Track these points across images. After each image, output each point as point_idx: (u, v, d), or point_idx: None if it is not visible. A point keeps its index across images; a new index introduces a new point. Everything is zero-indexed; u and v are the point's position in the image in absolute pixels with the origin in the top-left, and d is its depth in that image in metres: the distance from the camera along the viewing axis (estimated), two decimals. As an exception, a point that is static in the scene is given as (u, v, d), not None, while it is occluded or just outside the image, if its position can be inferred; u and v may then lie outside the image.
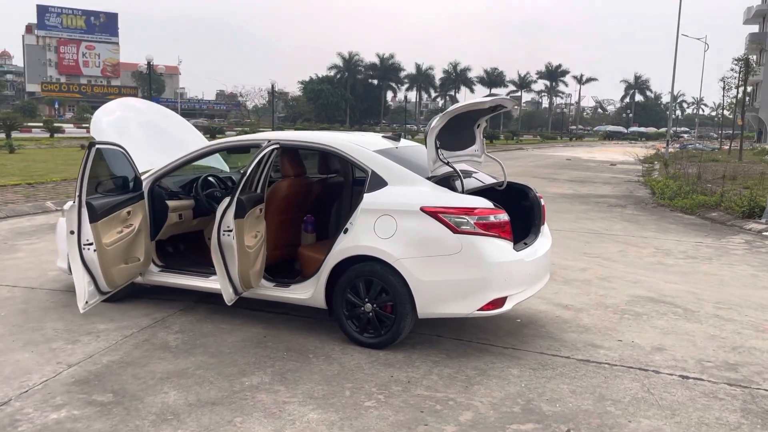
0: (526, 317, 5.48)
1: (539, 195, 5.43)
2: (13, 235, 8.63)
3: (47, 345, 4.57)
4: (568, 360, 4.54)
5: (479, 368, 4.34)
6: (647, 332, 5.21)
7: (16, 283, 6.15)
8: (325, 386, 3.98)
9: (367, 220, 4.60)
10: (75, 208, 4.41)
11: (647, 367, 4.45)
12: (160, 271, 5.41)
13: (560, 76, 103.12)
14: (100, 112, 6.17)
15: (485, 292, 4.37)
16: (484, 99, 4.79)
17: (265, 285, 4.99)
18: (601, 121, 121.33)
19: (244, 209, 4.42)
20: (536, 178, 20.42)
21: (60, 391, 3.81)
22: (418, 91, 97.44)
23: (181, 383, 3.96)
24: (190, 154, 5.42)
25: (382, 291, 4.57)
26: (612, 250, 8.82)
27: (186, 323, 5.10)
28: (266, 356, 4.46)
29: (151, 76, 32.09)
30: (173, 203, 5.57)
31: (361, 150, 4.87)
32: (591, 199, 15.19)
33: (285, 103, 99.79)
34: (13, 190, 12.38)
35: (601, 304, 6.01)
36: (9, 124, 31.48)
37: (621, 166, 28.78)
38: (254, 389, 3.91)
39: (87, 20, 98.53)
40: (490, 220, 4.42)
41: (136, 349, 4.52)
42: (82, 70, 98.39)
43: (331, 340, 4.77)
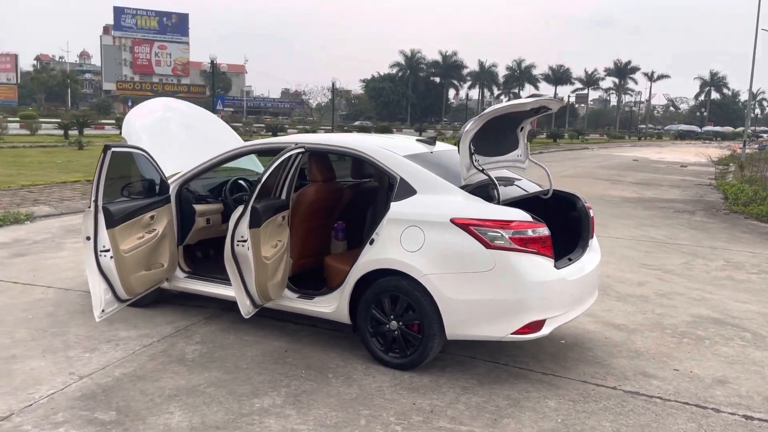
0: (571, 338, 5.02)
1: (588, 205, 4.95)
2: (63, 232, 8.73)
3: (65, 353, 4.46)
4: (615, 391, 4.08)
5: (512, 397, 3.93)
6: (709, 360, 4.67)
7: (52, 284, 6.13)
8: (339, 412, 3.67)
9: (393, 231, 4.26)
10: (91, 213, 4.27)
11: (706, 403, 3.94)
12: (186, 277, 5.24)
13: (630, 73, 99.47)
14: (134, 113, 6.07)
15: (521, 315, 3.96)
16: (526, 100, 4.36)
17: (289, 296, 4.74)
18: (672, 119, 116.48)
19: (259, 218, 4.17)
20: (598, 180, 19.55)
21: (64, 407, 3.65)
22: (480, 88, 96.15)
23: (188, 402, 3.74)
24: (217, 157, 5.22)
25: (408, 308, 4.23)
26: (675, 262, 8.15)
27: (208, 333, 4.91)
28: (283, 374, 4.19)
29: (214, 74, 32.73)
30: (200, 207, 5.39)
31: (389, 154, 4.54)
32: (656, 204, 14.32)
33: (347, 101, 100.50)
34: (72, 187, 12.67)
35: (658, 324, 5.47)
36: (81, 122, 32.78)
37: (692, 168, 27.28)
38: (263, 413, 3.64)
39: (160, 21, 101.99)
40: (528, 235, 4.01)
41: (151, 361, 4.34)
42: (155, 69, 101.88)
43: (355, 357, 4.47)
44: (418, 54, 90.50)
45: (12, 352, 4.46)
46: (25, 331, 4.88)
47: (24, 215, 9.40)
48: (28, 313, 5.28)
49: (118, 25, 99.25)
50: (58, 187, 12.56)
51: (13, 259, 7.12)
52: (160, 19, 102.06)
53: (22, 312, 5.30)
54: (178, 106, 7.04)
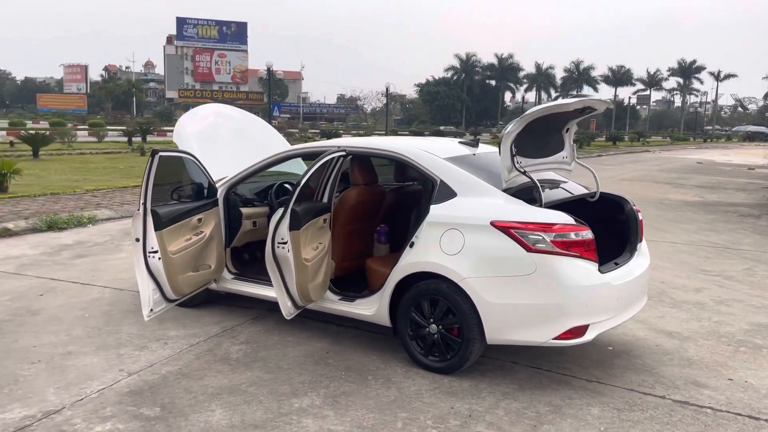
0: (619, 345, 4.88)
1: (637, 208, 4.80)
2: (122, 235, 9.07)
3: (116, 350, 4.63)
4: (663, 400, 3.93)
5: (553, 404, 3.85)
6: (766, 370, 4.45)
7: (108, 284, 6.38)
8: (377, 414, 3.68)
9: (433, 233, 4.25)
10: (140, 215, 4.42)
11: (759, 415, 3.75)
12: (233, 279, 5.36)
13: (695, 72, 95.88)
14: (185, 118, 6.27)
15: (562, 319, 3.88)
16: (569, 100, 4.27)
17: (331, 298, 4.78)
18: (741, 120, 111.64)
19: (299, 220, 4.22)
20: (659, 183, 18.93)
21: (112, 402, 3.79)
22: (537, 91, 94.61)
23: (230, 401, 3.82)
24: (262, 162, 5.32)
25: (448, 312, 4.20)
26: (736, 268, 7.80)
27: (253, 333, 5.00)
28: (324, 375, 4.23)
29: (270, 80, 33.44)
30: (247, 210, 5.51)
31: (429, 157, 4.52)
32: (719, 208, 13.74)
33: (402, 105, 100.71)
34: (132, 192, 13.15)
35: (714, 332, 5.25)
36: (144, 129, 34.08)
37: (760, 171, 26.08)
38: (302, 413, 3.69)
39: (219, 30, 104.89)
40: (571, 238, 3.92)
41: (197, 360, 4.46)
42: (215, 77, 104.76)
43: (395, 360, 4.47)
44: (473, 57, 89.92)
45: (68, 348, 4.66)
46: (81, 328, 5.09)
47: (87, 218, 9.82)
48: (85, 311, 5.51)
49: (181, 35, 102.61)
50: (120, 192, 13.06)
51: (74, 260, 7.45)
52: (220, 29, 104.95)
53: (80, 311, 5.53)
54: (229, 112, 7.23)
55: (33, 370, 4.25)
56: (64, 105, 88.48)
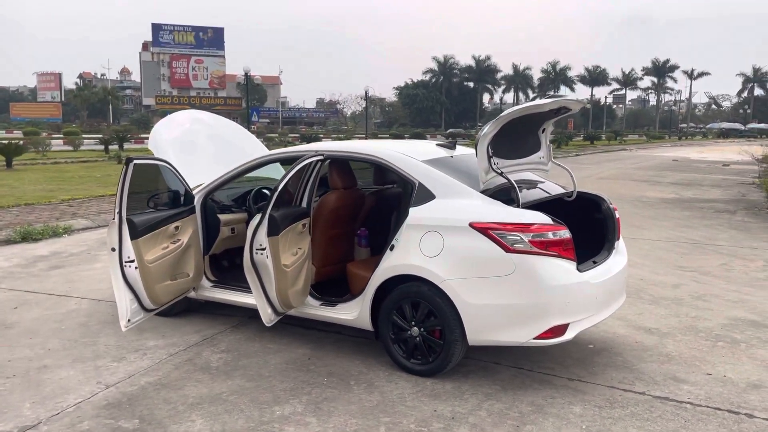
0: (600, 342, 4.91)
1: (614, 206, 4.84)
2: (99, 245, 8.94)
3: (93, 362, 4.55)
4: (643, 397, 3.96)
5: (536, 404, 3.86)
6: (744, 365, 4.50)
7: (85, 296, 6.28)
8: (359, 419, 3.66)
9: (412, 236, 4.24)
10: (115, 225, 4.35)
11: (739, 409, 3.79)
12: (212, 287, 5.30)
13: (668, 71, 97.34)
14: (160, 125, 6.20)
15: (543, 319, 3.89)
16: (544, 101, 4.29)
17: (312, 303, 4.75)
18: (714, 117, 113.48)
19: (277, 226, 4.19)
20: (636, 181, 19.14)
21: (89, 415, 3.72)
22: (515, 92, 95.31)
23: (210, 410, 3.77)
24: (239, 167, 5.28)
25: (429, 314, 4.19)
26: (713, 263, 7.91)
27: (233, 342, 4.95)
28: (306, 381, 4.20)
29: (248, 85, 33.23)
30: (225, 217, 5.45)
31: (407, 160, 4.52)
32: (695, 204, 13.94)
33: (381, 108, 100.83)
34: (109, 201, 12.97)
35: (692, 328, 5.30)
36: (121, 136, 33.68)
37: (735, 167, 26.51)
38: (284, 420, 3.65)
39: (196, 36, 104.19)
40: (549, 238, 3.93)
41: (176, 370, 4.40)
42: (192, 83, 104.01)
43: (378, 364, 4.45)
44: (451, 60, 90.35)
45: (44, 362, 4.57)
46: (57, 341, 5.00)
47: (62, 228, 9.67)
48: (61, 324, 5.42)
49: (157, 41, 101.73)
50: (96, 201, 12.88)
51: (50, 271, 7.32)
52: (196, 34, 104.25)
53: (55, 323, 5.43)
54: (204, 118, 7.15)
55: (8, 385, 4.16)
56: (38, 114, 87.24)
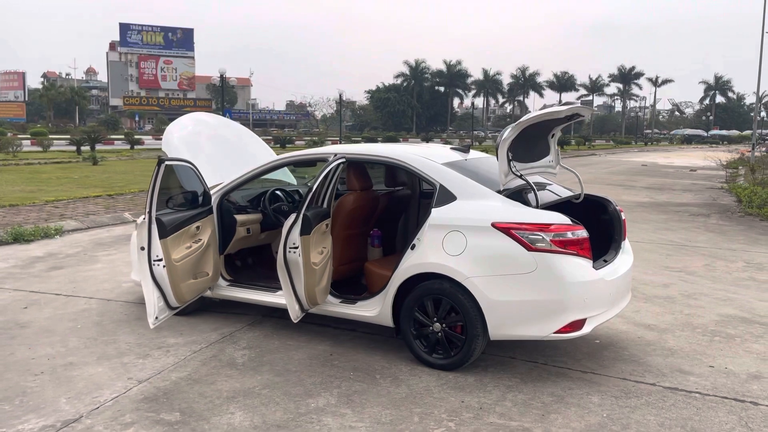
0: (605, 338, 5.16)
1: (620, 208, 5.11)
2: (93, 246, 8.93)
3: (119, 359, 4.63)
4: (654, 387, 4.21)
5: (556, 394, 4.08)
6: (742, 357, 4.79)
7: (93, 295, 6.31)
8: (392, 410, 3.82)
9: (435, 236, 4.42)
10: (145, 224, 4.44)
11: (744, 397, 4.07)
12: (228, 286, 5.41)
13: (634, 78, 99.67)
14: (173, 126, 6.27)
15: (562, 314, 4.11)
16: (560, 108, 4.53)
17: (332, 301, 4.89)
18: (678, 124, 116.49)
19: (310, 225, 4.34)
20: (610, 186, 19.65)
21: (129, 409, 3.81)
22: (485, 97, 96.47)
23: (247, 403, 3.90)
24: (258, 169, 5.40)
25: (451, 310, 4.38)
26: (696, 264, 8.27)
27: (253, 339, 5.07)
28: (332, 376, 4.35)
29: (224, 88, 33.03)
30: (241, 217, 5.57)
31: (428, 163, 4.71)
32: (670, 208, 14.43)
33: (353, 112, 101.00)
34: (94, 202, 12.89)
35: (688, 324, 5.60)
36: (93, 137, 33.17)
37: (702, 172, 27.35)
38: (320, 412, 3.80)
39: (165, 36, 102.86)
40: (568, 237, 4.16)
41: (203, 366, 4.50)
42: (161, 84, 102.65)
43: (399, 359, 4.62)
44: (422, 64, 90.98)
45: (68, 359, 4.63)
46: (76, 339, 5.05)
47: (54, 230, 9.61)
48: (76, 323, 5.46)
49: (124, 41, 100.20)
50: (81, 202, 12.77)
51: (50, 272, 7.31)
52: (165, 35, 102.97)
53: (70, 322, 5.47)
54: (206, 119, 7.23)
55: (38, 382, 4.21)
56: (1, 113, 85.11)
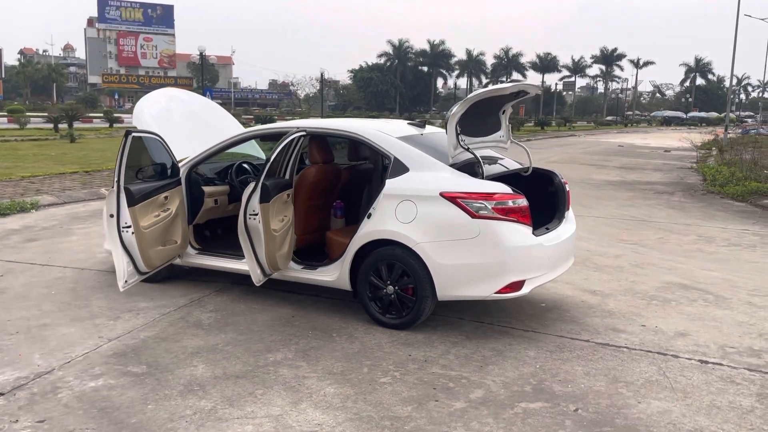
0: (551, 302, 5.53)
1: (564, 180, 5.45)
2: (69, 219, 9.13)
3: (91, 321, 4.90)
4: (587, 343, 4.59)
5: (496, 349, 4.43)
6: (673, 318, 5.19)
7: (68, 265, 6.55)
8: (344, 363, 4.16)
9: (388, 205, 4.73)
10: (114, 193, 4.70)
11: (666, 351, 4.46)
12: (197, 254, 5.68)
13: (616, 60, 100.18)
14: (143, 102, 6.48)
15: (503, 276, 4.45)
16: (506, 85, 4.83)
17: (294, 267, 5.20)
18: (659, 106, 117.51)
19: (269, 194, 4.63)
20: (583, 165, 20.10)
21: (99, 363, 4.11)
22: (468, 77, 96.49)
23: (209, 358, 4.21)
24: (223, 142, 5.65)
25: (403, 274, 4.70)
26: (651, 237, 8.69)
27: (220, 303, 5.36)
28: (292, 334, 4.67)
29: (204, 65, 32.90)
30: (209, 189, 5.83)
31: (384, 137, 5.00)
32: (638, 186, 14.88)
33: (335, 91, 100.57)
34: (71, 178, 13.03)
35: (630, 290, 5.98)
36: (71, 115, 32.94)
37: (675, 153, 27.94)
38: (277, 364, 4.12)
39: (144, 13, 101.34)
40: (509, 205, 4.49)
41: (171, 326, 4.80)
42: (140, 62, 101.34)
43: (356, 320, 4.95)
44: (406, 44, 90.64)
45: (42, 321, 4.89)
46: (50, 304, 5.31)
47: (30, 204, 9.78)
48: (50, 289, 5.71)
49: (103, 18, 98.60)
50: (58, 178, 12.90)
51: (26, 243, 7.53)
52: (144, 11, 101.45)
53: (44, 288, 5.73)
54: (179, 95, 7.43)
55: (13, 340, 4.49)
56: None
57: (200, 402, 3.59)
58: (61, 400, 3.59)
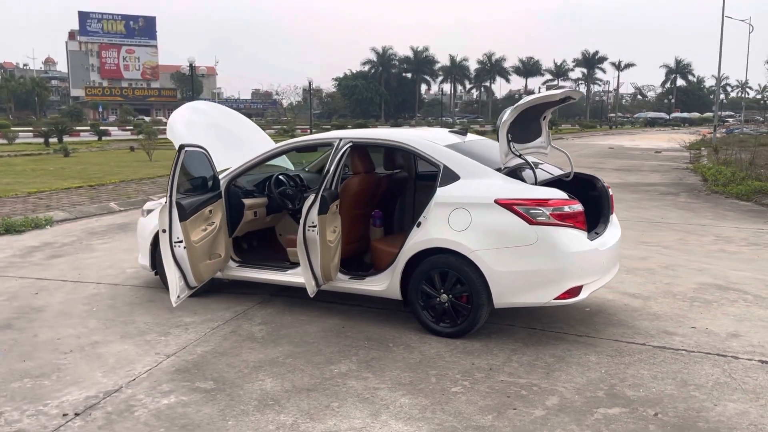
0: (594, 306, 5.56)
1: (607, 185, 5.49)
2: (86, 235, 9.03)
3: (142, 337, 4.85)
4: (644, 347, 4.61)
5: (557, 355, 4.45)
6: (720, 319, 5.24)
7: (100, 281, 6.48)
8: (410, 373, 4.15)
9: (441, 213, 4.74)
10: (166, 208, 4.66)
11: (725, 353, 4.50)
12: (238, 266, 5.64)
13: (598, 63, 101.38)
14: (175, 115, 6.43)
15: (562, 282, 4.47)
16: (555, 91, 4.87)
17: (341, 278, 5.18)
18: (641, 107, 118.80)
19: (326, 205, 4.62)
20: (580, 168, 20.16)
21: (165, 379, 4.06)
22: (452, 83, 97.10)
23: (274, 371, 4.18)
24: (264, 154, 5.64)
25: (457, 282, 4.71)
26: (670, 239, 8.77)
27: (267, 315, 5.33)
28: (348, 345, 4.65)
29: (193, 77, 32.76)
30: (249, 201, 5.80)
31: (432, 145, 5.01)
32: (641, 188, 15.02)
33: (320, 99, 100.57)
34: (77, 193, 12.89)
35: (669, 292, 6.03)
36: (61, 129, 32.63)
37: (667, 154, 28.25)
38: (344, 376, 4.10)
39: (126, 25, 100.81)
40: (565, 211, 4.52)
41: (225, 340, 4.76)
42: (123, 74, 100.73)
43: (408, 330, 4.94)
44: (389, 51, 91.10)
45: (92, 338, 4.83)
46: (95, 321, 5.25)
47: (44, 220, 9.67)
48: (90, 306, 5.65)
49: (84, 30, 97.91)
50: (65, 193, 12.76)
51: (50, 260, 7.43)
52: (126, 23, 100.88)
53: (84, 306, 5.66)
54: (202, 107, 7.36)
55: (70, 359, 4.42)
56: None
57: (279, 416, 3.57)
58: (139, 419, 3.55)
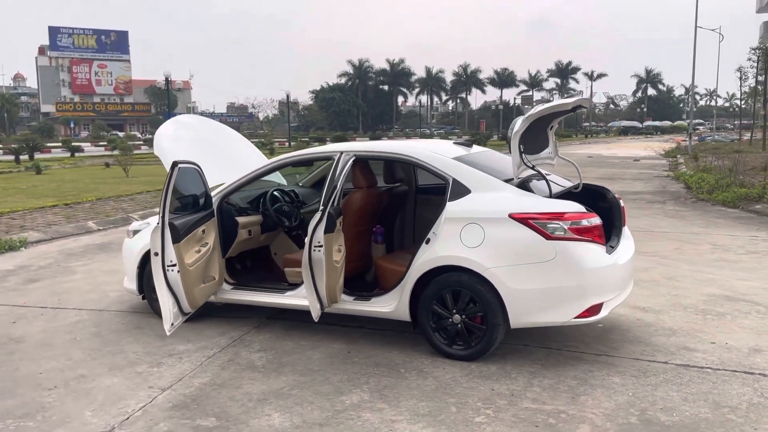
0: (607, 322, 5.33)
1: (618, 196, 5.30)
2: (64, 256, 8.60)
3: (132, 369, 4.50)
4: (668, 365, 4.40)
5: (579, 377, 4.20)
6: (737, 333, 5.05)
7: (82, 306, 6.09)
8: (428, 402, 3.86)
9: (452, 229, 4.48)
10: (158, 229, 4.34)
11: (752, 370, 4.30)
12: (232, 289, 5.32)
13: (571, 73, 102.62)
14: (161, 131, 6.10)
15: (583, 299, 4.24)
16: (568, 100, 4.67)
17: (345, 299, 4.89)
18: (614, 116, 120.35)
19: (333, 223, 4.33)
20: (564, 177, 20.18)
21: (162, 417, 3.72)
22: (429, 94, 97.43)
23: (280, 405, 3.87)
24: (259, 170, 5.34)
25: (470, 301, 4.45)
26: (668, 248, 8.64)
27: (265, 341, 5.01)
28: (357, 372, 4.35)
29: (169, 91, 32.22)
30: (243, 219, 5.48)
31: (440, 158, 4.76)
32: (627, 197, 14.93)
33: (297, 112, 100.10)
34: (52, 212, 12.39)
35: (679, 304, 5.85)
36: (32, 146, 31.81)
37: (645, 162, 28.44)
38: (357, 408, 3.80)
39: (98, 39, 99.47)
40: (583, 225, 4.30)
41: (223, 370, 4.43)
42: (95, 89, 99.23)
43: (417, 353, 4.66)
44: (366, 63, 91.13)
45: (78, 372, 4.47)
46: (80, 351, 4.88)
47: (18, 242, 9.21)
48: (73, 335, 5.28)
49: (54, 45, 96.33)
50: (39, 213, 12.25)
51: (27, 285, 7.02)
52: (98, 38, 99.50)
53: (67, 334, 5.28)
54: (187, 121, 7.05)
55: (55, 396, 4.06)
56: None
57: (292, 457, 3.26)
58: (137, 466, 3.21)
